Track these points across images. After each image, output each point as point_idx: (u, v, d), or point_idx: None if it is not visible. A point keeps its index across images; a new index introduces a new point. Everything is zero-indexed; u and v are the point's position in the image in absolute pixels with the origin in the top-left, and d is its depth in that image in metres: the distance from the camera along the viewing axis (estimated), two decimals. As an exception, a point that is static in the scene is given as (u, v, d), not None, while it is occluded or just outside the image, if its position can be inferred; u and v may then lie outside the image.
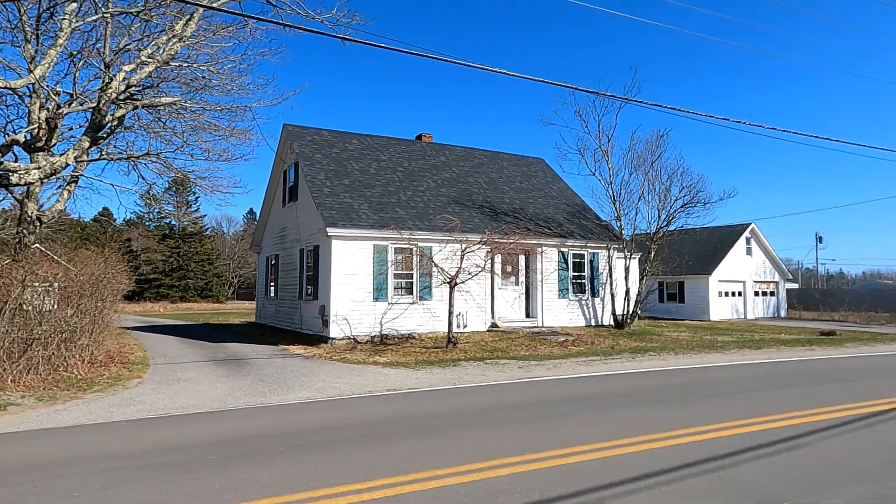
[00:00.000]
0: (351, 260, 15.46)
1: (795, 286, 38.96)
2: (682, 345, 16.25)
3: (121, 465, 5.19)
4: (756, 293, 31.80)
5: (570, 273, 19.56)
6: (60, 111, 12.09)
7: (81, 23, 11.11)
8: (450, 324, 14.59)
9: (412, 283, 16.42)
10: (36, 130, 11.92)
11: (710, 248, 30.86)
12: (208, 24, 12.20)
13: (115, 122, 11.98)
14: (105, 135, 12.26)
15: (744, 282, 31.02)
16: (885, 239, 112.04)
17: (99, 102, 10.45)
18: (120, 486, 4.65)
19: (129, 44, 12.09)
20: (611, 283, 20.20)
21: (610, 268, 20.29)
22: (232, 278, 70.52)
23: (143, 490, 4.54)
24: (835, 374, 11.13)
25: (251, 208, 79.52)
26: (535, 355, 13.60)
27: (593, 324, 19.99)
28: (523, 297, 19.08)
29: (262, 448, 5.73)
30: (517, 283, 18.92)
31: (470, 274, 15.05)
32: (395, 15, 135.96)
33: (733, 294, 30.75)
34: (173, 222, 62.72)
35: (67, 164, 10.82)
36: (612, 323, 20.09)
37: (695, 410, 7.56)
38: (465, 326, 16.84)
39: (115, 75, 10.48)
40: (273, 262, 21.41)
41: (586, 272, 19.97)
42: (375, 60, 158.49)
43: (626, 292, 20.17)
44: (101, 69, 11.93)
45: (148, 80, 12.09)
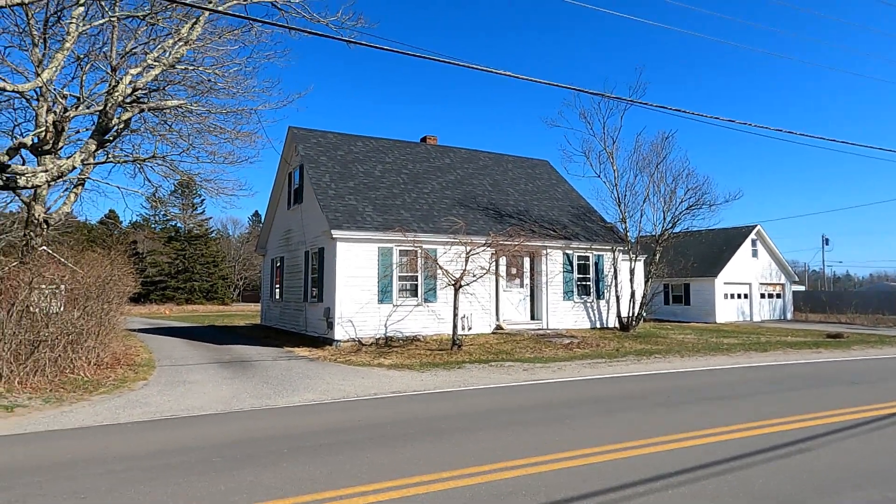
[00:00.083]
0: (356, 262, 15.48)
1: (802, 288, 38.78)
2: (688, 347, 16.17)
3: (127, 467, 5.19)
4: (762, 295, 31.64)
5: (575, 275, 19.51)
6: (67, 114, 12.16)
7: (88, 27, 11.19)
8: (454, 326, 14.57)
9: (417, 285, 16.41)
10: (43, 133, 11.99)
11: (715, 250, 30.74)
12: (214, 27, 12.27)
13: (122, 125, 12.06)
14: (111, 138, 12.33)
15: (750, 284, 30.88)
16: (892, 241, 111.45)
17: (105, 106, 10.52)
18: (126, 487, 4.65)
19: (135, 47, 12.17)
20: (616, 286, 20.14)
21: (615, 270, 20.23)
22: (237, 280, 70.79)
23: (148, 492, 4.54)
24: (843, 376, 11.04)
25: (256, 211, 79.91)
26: (539, 357, 13.57)
27: (598, 326, 19.92)
28: (528, 299, 19.05)
29: (268, 450, 5.73)
30: (522, 285, 18.88)
31: (475, 276, 15.03)
32: (398, 17, 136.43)
33: (739, 296, 30.61)
34: (179, 225, 63.06)
35: (74, 167, 10.89)
36: (617, 325, 20.02)
37: (701, 413, 7.51)
38: (469, 329, 16.82)
39: (121, 79, 10.55)
40: (278, 265, 21.46)
41: (591, 274, 19.91)
42: (380, 63, 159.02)
43: (632, 294, 20.10)
44: (108, 73, 12.01)
45: (154, 84, 12.17)
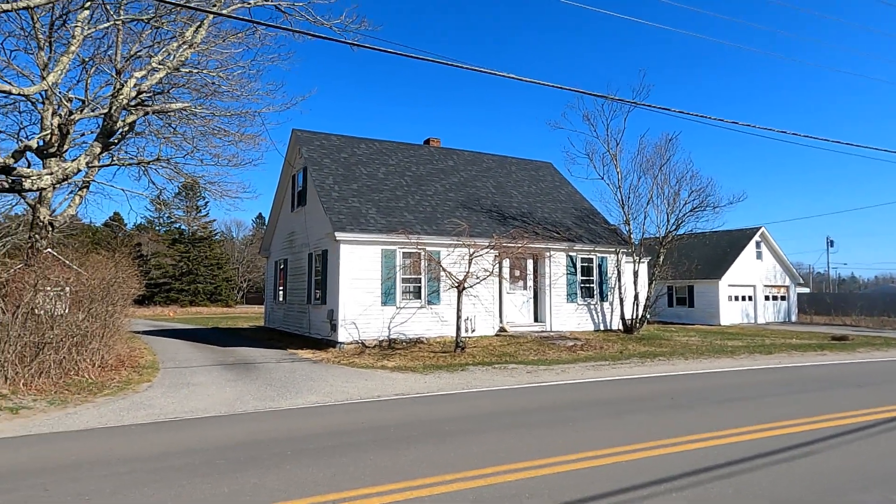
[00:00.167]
0: (359, 264, 15.49)
1: (806, 290, 38.63)
2: (692, 349, 16.12)
3: (131, 469, 5.20)
4: (766, 297, 31.53)
5: (579, 277, 19.48)
6: (72, 117, 12.24)
7: (93, 30, 11.25)
8: (458, 328, 14.56)
9: (420, 287, 16.41)
10: (48, 136, 12.07)
11: (719, 252, 30.65)
12: (218, 30, 12.32)
13: (126, 128, 12.10)
14: (116, 140, 12.38)
15: (754, 286, 30.77)
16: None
17: (110, 108, 10.56)
18: (130, 489, 4.66)
19: (140, 50, 12.22)
20: (619, 288, 20.09)
21: (619, 272, 20.19)
22: (241, 282, 70.93)
23: (152, 494, 4.55)
24: (848, 379, 10.99)
25: (260, 213, 79.96)
26: (543, 360, 13.54)
27: (602, 328, 19.88)
28: (531, 301, 19.02)
29: (271, 452, 5.73)
30: (525, 287, 18.86)
31: (478, 278, 15.02)
32: (402, 20, 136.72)
33: (743, 298, 30.50)
34: (183, 227, 63.24)
35: (79, 170, 10.93)
36: (620, 327, 19.97)
37: (706, 416, 7.48)
38: (473, 331, 16.81)
39: (126, 82, 10.59)
40: (282, 267, 21.49)
41: (595, 276, 19.87)
42: (383, 66, 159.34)
43: (635, 297, 20.05)
44: (113, 76, 12.05)
45: (158, 87, 12.21)
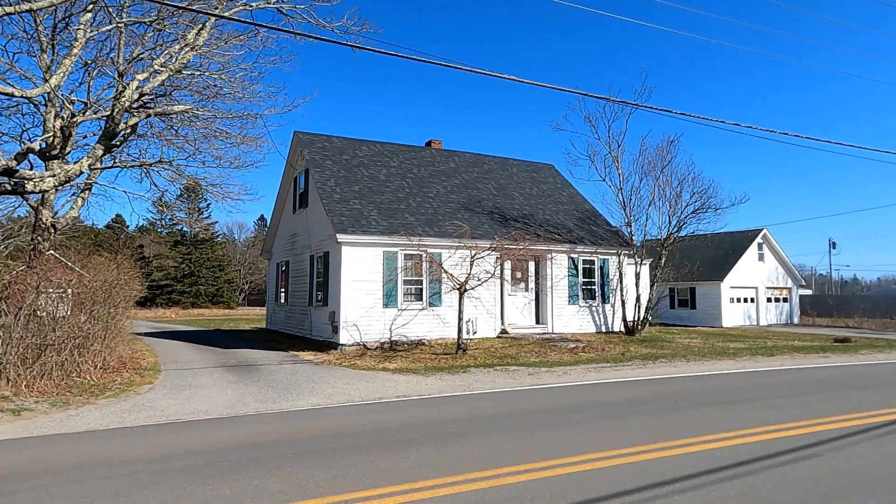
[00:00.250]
0: (361, 266, 15.50)
1: (809, 292, 38.52)
2: (694, 352, 16.09)
3: (132, 471, 5.21)
4: (768, 299, 31.47)
5: (581, 279, 19.47)
6: (75, 119, 12.27)
7: (96, 32, 11.29)
8: (459, 330, 14.55)
9: (422, 289, 16.41)
10: (51, 139, 12.10)
11: (721, 253, 30.61)
12: (220, 32, 12.36)
13: (129, 130, 12.15)
14: (118, 143, 12.42)
15: (756, 288, 30.72)
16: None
17: (113, 111, 10.60)
18: (132, 491, 4.67)
19: (142, 53, 12.26)
20: (621, 290, 20.08)
21: (620, 274, 20.17)
22: (243, 284, 70.99)
23: (154, 496, 4.56)
24: (850, 381, 10.96)
25: (262, 215, 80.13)
26: (545, 362, 13.53)
27: (604, 330, 19.86)
28: (533, 303, 19.01)
29: (273, 454, 5.73)
30: (527, 289, 18.85)
31: (480, 280, 15.01)
32: (403, 22, 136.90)
33: (745, 300, 30.45)
34: (185, 229, 63.33)
35: (81, 172, 10.97)
36: (622, 329, 19.95)
37: (708, 418, 7.47)
38: (474, 333, 16.80)
39: (128, 84, 10.63)
40: (283, 269, 21.51)
41: (596, 278, 19.86)
42: (385, 68, 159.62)
43: (637, 298, 20.03)
44: (115, 78, 12.10)
45: (161, 89, 12.25)
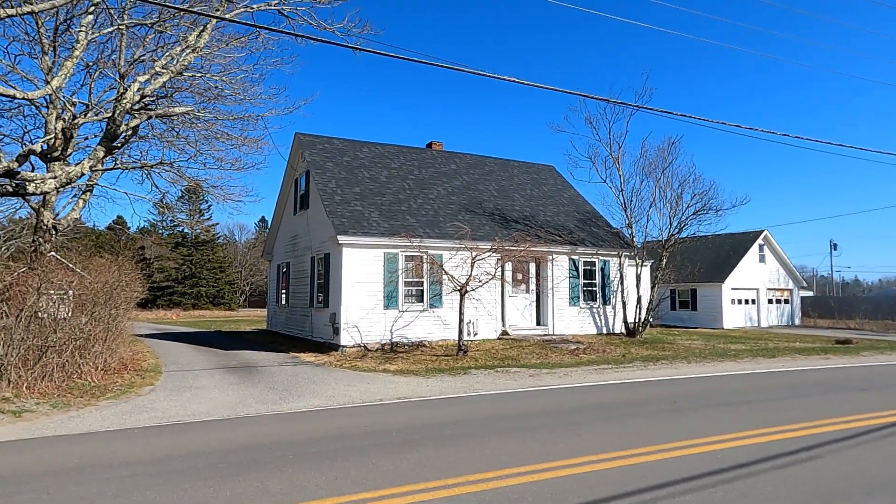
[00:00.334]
0: (362, 268, 15.50)
1: (810, 294, 38.47)
2: (695, 353, 16.07)
3: (133, 473, 5.21)
4: (770, 301, 31.43)
5: (581, 281, 19.46)
6: (76, 121, 12.29)
7: (97, 34, 11.31)
8: (460, 332, 14.55)
9: (423, 290, 16.41)
10: (52, 140, 12.12)
11: (722, 255, 30.58)
12: (221, 34, 12.37)
13: (130, 132, 12.16)
14: (119, 144, 12.44)
15: (757, 289, 30.69)
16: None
17: (114, 112, 10.61)
18: (132, 493, 4.67)
19: (143, 55, 12.29)
20: (622, 291, 20.06)
21: (621, 275, 20.16)
22: (244, 286, 70.99)
23: (155, 497, 4.56)
24: (852, 383, 10.95)
25: (263, 216, 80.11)
26: (545, 363, 13.52)
27: (605, 332, 19.85)
28: (534, 304, 19.00)
29: (273, 456, 5.73)
30: (528, 290, 18.85)
31: (480, 282, 15.01)
32: (404, 23, 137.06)
33: (746, 302, 30.42)
34: (186, 230, 63.35)
35: (83, 174, 10.98)
36: (623, 331, 19.94)
37: (709, 420, 7.46)
38: (475, 334, 16.80)
39: (129, 86, 10.64)
40: (284, 270, 21.52)
41: (597, 280, 19.85)
42: (386, 69, 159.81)
43: (638, 300, 20.01)
44: (117, 80, 12.13)
45: (162, 91, 12.26)
